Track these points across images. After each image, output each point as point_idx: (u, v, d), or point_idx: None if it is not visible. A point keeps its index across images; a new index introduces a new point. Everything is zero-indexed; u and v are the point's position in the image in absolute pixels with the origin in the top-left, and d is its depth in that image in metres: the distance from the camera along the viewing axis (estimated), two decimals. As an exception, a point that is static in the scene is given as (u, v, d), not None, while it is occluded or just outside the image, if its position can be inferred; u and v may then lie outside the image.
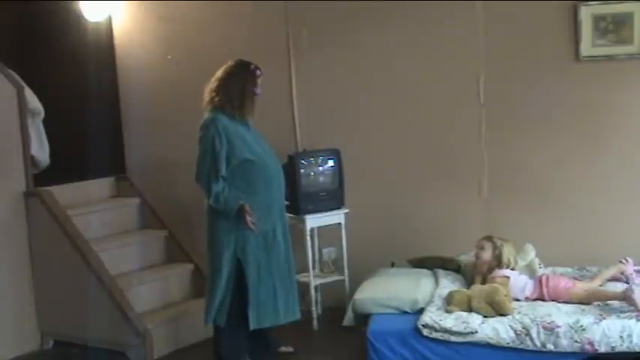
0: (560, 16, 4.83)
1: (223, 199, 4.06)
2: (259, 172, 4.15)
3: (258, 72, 4.23)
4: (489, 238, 4.57)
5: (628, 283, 4.33)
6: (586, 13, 4.78)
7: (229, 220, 4.11)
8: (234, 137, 4.10)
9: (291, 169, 4.87)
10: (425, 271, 4.81)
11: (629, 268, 4.47)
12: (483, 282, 4.43)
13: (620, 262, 4.50)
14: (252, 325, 4.18)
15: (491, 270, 4.47)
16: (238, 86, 4.16)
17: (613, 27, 4.76)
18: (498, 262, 4.47)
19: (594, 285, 4.34)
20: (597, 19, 4.78)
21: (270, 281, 4.22)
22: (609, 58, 4.80)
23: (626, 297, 4.01)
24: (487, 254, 4.51)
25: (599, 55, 4.79)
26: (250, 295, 4.16)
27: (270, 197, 4.22)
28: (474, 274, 4.56)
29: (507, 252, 4.49)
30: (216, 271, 4.16)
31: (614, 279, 4.46)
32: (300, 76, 5.32)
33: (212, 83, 4.21)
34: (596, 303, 4.13)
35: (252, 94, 4.21)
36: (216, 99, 4.16)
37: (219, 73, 4.22)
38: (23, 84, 4.91)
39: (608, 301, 4.09)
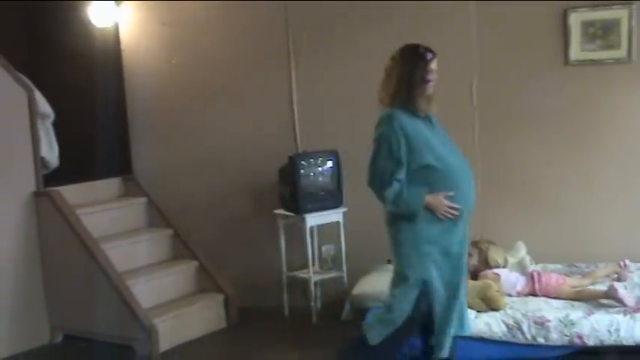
0: (551, 22, 4.82)
1: (403, 201, 3.30)
2: (442, 180, 3.32)
3: (428, 55, 3.37)
4: (475, 244, 4.55)
5: (619, 281, 4.32)
6: (575, 19, 4.78)
7: (412, 233, 3.35)
8: (414, 137, 3.31)
9: (291, 169, 4.87)
10: (420, 267, 4.80)
11: (625, 273, 4.42)
12: (475, 278, 4.42)
13: (619, 265, 4.46)
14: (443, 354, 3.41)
15: (479, 272, 4.46)
16: (405, 73, 3.34)
17: (601, 33, 4.76)
18: (486, 265, 4.47)
19: (584, 283, 4.35)
20: (586, 25, 4.77)
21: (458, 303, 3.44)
22: (597, 62, 4.80)
23: (610, 295, 4.02)
24: (474, 260, 4.51)
25: (587, 60, 4.79)
26: (438, 320, 3.40)
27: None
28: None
29: (494, 254, 4.48)
30: (397, 289, 3.41)
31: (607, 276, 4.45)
32: (300, 80, 5.30)
33: (381, 78, 3.47)
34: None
35: (421, 80, 3.35)
36: (383, 94, 3.41)
37: (386, 64, 3.45)
38: (33, 87, 4.90)
39: (596, 300, 4.09)
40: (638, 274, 4.49)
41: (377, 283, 4.52)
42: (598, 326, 3.81)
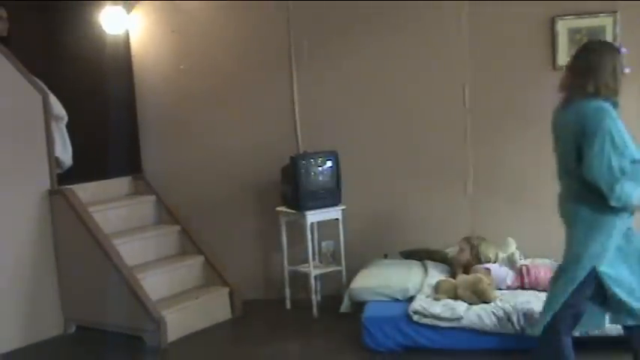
0: (539, 29, 4.88)
1: (626, 195, 3.09)
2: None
3: (623, 50, 3.38)
4: (467, 240, 4.59)
5: None
6: (562, 26, 4.84)
7: (611, 223, 3.17)
8: (624, 131, 3.13)
9: (293, 169, 4.92)
10: (415, 262, 4.86)
11: None
12: (466, 272, 4.47)
13: None
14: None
15: (471, 266, 4.51)
16: (610, 66, 3.18)
17: (587, 39, 4.76)
18: (478, 260, 4.51)
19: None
20: (572, 32, 4.83)
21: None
22: (583, 67, 4.86)
23: None
24: (465, 255, 4.55)
25: (574, 65, 4.84)
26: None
27: None
28: (456, 267, 4.60)
29: (484, 249, 4.52)
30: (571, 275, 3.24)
31: None
32: (301, 84, 5.33)
33: (572, 69, 3.27)
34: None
35: (621, 74, 3.23)
36: (589, 85, 3.15)
37: (575, 55, 3.29)
38: (48, 91, 4.93)
39: None
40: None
41: (374, 277, 4.58)
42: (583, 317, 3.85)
